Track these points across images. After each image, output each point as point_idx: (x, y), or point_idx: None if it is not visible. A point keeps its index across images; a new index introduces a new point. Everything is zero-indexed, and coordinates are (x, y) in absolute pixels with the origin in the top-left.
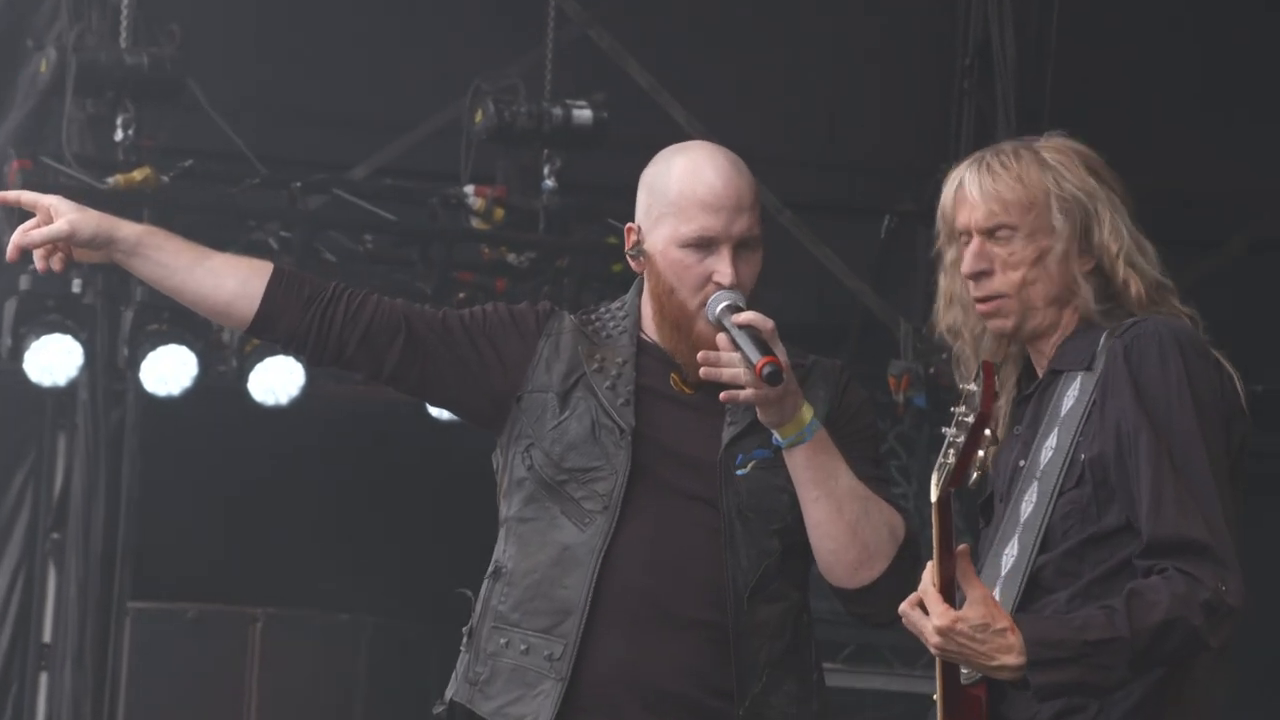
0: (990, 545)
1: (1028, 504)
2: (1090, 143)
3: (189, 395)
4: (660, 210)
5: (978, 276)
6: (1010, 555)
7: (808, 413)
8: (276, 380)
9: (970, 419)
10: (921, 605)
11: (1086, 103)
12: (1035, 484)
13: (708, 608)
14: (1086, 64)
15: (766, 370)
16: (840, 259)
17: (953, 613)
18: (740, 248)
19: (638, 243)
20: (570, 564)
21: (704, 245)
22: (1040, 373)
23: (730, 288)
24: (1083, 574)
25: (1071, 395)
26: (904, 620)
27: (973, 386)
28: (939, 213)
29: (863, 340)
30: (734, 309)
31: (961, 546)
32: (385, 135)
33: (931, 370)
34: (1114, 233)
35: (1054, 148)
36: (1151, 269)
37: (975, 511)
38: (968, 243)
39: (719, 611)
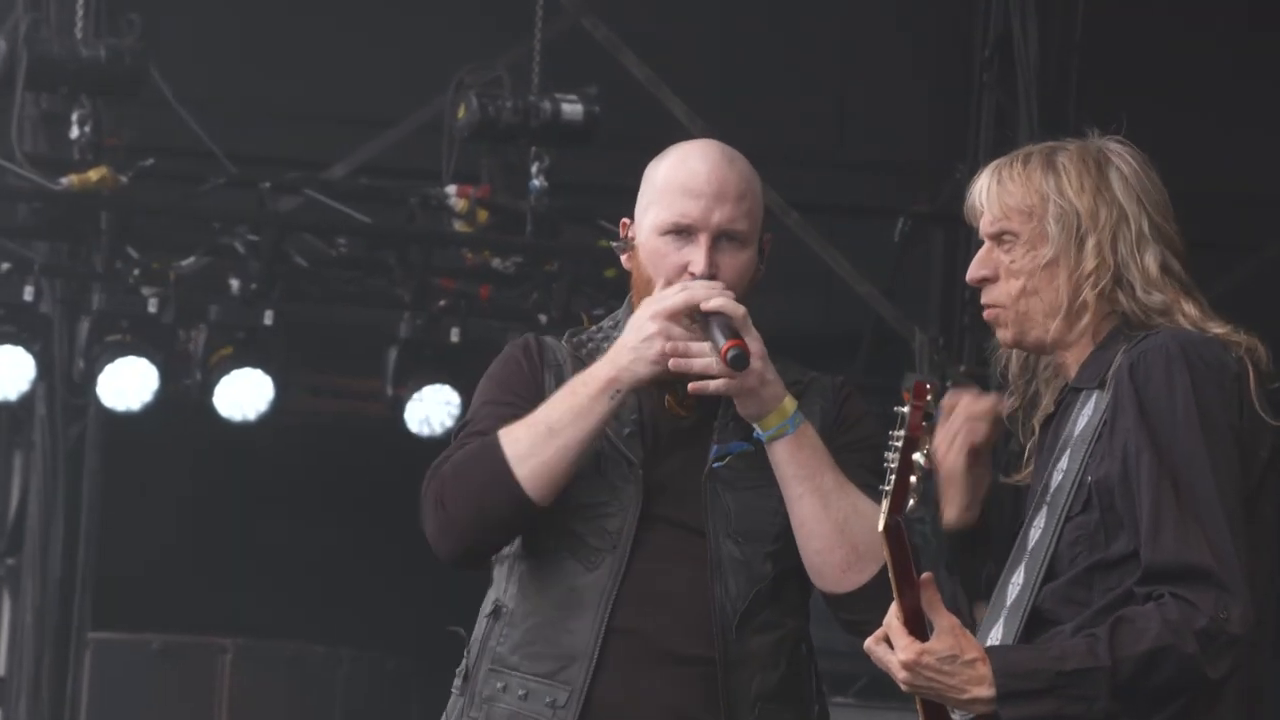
0: (1000, 574)
1: (1036, 529)
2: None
3: (150, 410)
4: (648, 199)
5: (981, 283)
6: (1016, 584)
7: (790, 404)
8: (244, 395)
9: (899, 443)
10: (889, 641)
11: (1115, 98)
12: (1045, 509)
13: (699, 642)
14: (1115, 56)
15: (730, 354)
16: (850, 264)
17: (918, 645)
18: (722, 240)
19: (627, 238)
20: (576, 606)
21: (682, 232)
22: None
23: (705, 279)
24: (1090, 603)
25: (1085, 415)
26: (871, 657)
27: (904, 408)
28: (967, 214)
29: (875, 351)
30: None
31: (925, 575)
32: (361, 132)
33: (949, 384)
34: (1106, 247)
35: (1074, 152)
36: (1158, 285)
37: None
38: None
39: (709, 644)
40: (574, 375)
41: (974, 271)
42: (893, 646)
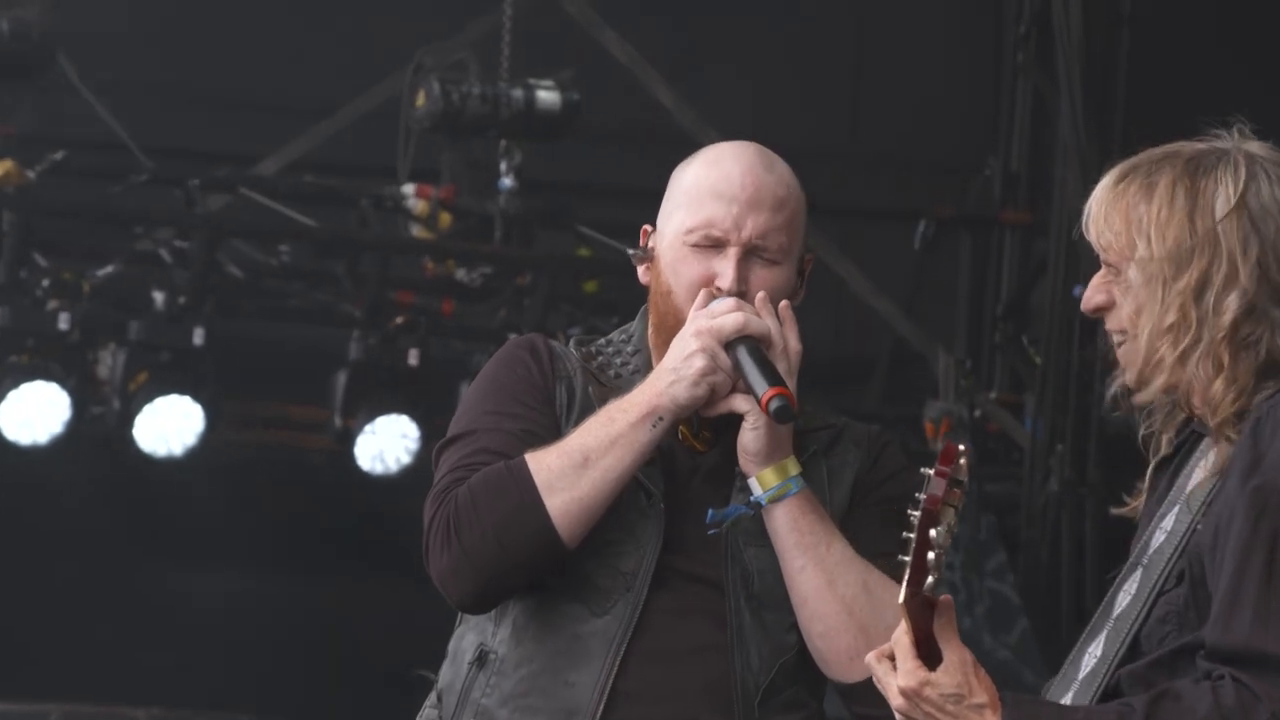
0: (1080, 637)
1: (1125, 595)
2: (1173, 129)
3: (59, 444)
4: (674, 203)
5: (1099, 312)
6: (1093, 655)
7: (793, 464)
8: (169, 425)
9: (918, 513)
10: (892, 658)
11: (1170, 80)
12: (1140, 572)
13: (715, 713)
14: (1169, 32)
15: (774, 404)
16: (865, 275)
17: (923, 674)
18: (755, 254)
19: (646, 246)
20: (580, 656)
21: (709, 241)
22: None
23: (733, 294)
24: None
25: (1202, 468)
26: (869, 670)
27: (930, 470)
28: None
29: (893, 376)
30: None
31: (944, 597)
32: (304, 121)
33: (978, 413)
34: (1190, 298)
35: (1181, 165)
36: None
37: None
38: None
39: (727, 718)
40: (585, 390)
41: (1089, 300)
42: (895, 667)
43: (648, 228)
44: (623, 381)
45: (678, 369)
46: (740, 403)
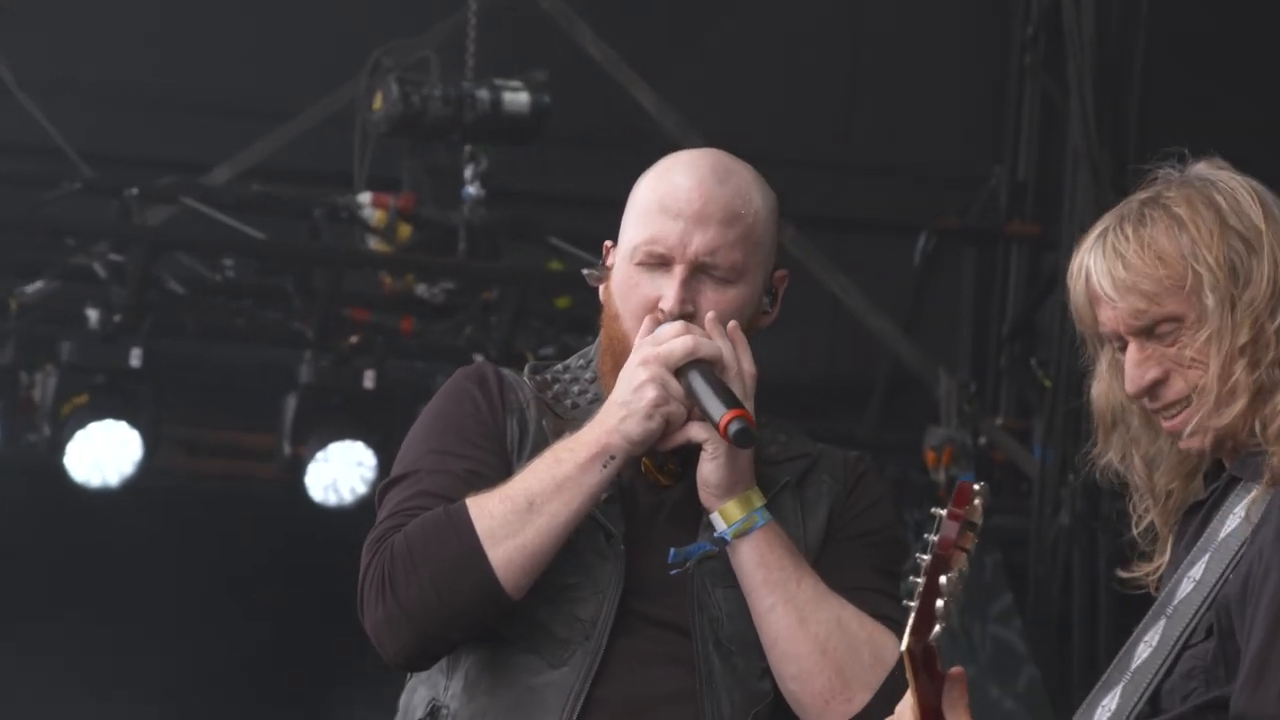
0: (1094, 689)
1: (1146, 647)
2: (1189, 135)
3: None
4: (628, 219)
5: (1151, 391)
6: (1107, 709)
7: (757, 496)
8: (104, 454)
9: (928, 558)
10: None
11: (1187, 83)
12: (1162, 623)
13: None
14: (1186, 33)
15: (732, 428)
16: (861, 292)
17: None
18: (703, 273)
19: (602, 264)
20: (535, 709)
21: (654, 260)
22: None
23: (677, 317)
24: None
25: (1237, 515)
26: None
27: (942, 511)
28: (1074, 312)
29: (891, 401)
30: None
31: (955, 669)
32: (252, 127)
33: (983, 441)
34: (1264, 311)
35: (1177, 195)
36: None
37: None
38: (1122, 348)
39: None
40: (539, 423)
41: (1139, 379)
42: None
43: (609, 244)
44: (580, 412)
45: (628, 402)
46: (697, 431)
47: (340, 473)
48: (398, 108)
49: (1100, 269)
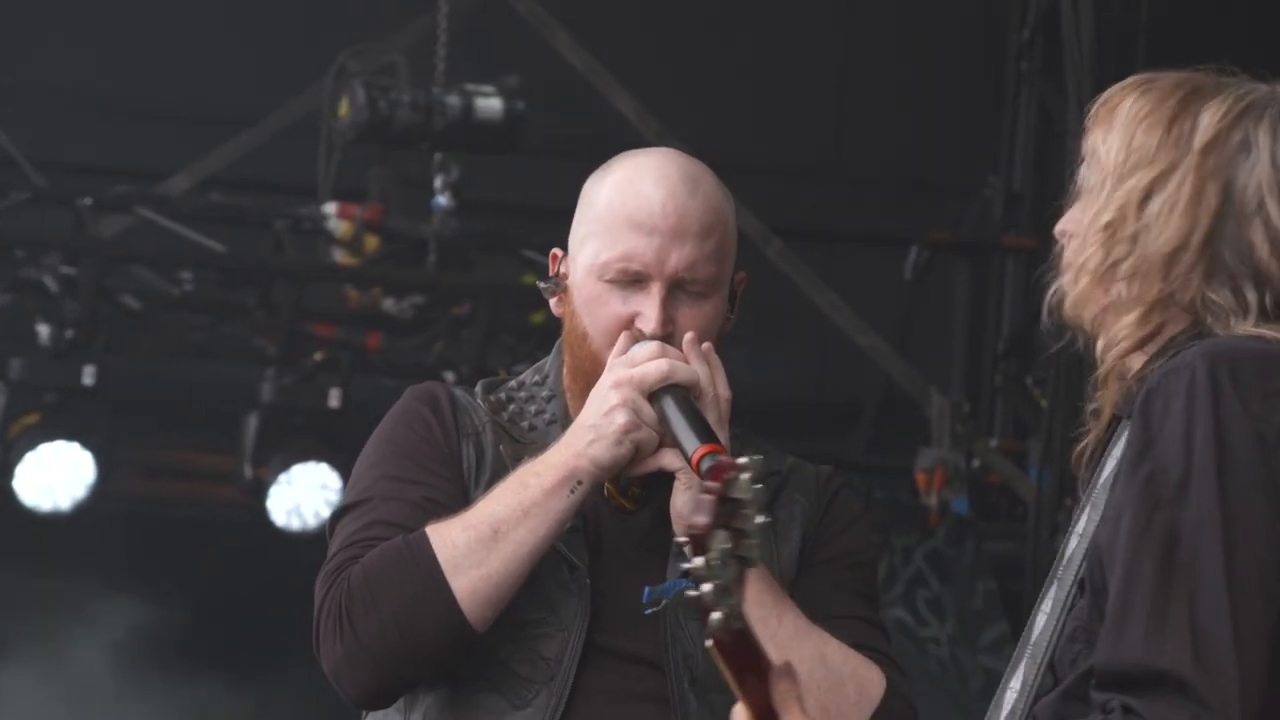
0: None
1: (1042, 616)
2: None
3: None
4: (586, 230)
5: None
6: (1013, 690)
7: None
8: (55, 476)
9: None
10: None
11: None
12: (1054, 588)
13: None
14: (1189, 38)
15: (705, 464)
16: (850, 307)
17: None
18: (680, 289)
19: (557, 276)
20: None
21: (629, 279)
22: None
23: (658, 337)
24: None
25: (1113, 458)
26: None
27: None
28: None
29: (881, 421)
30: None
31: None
32: (211, 134)
33: (977, 463)
34: (1133, 201)
35: (1190, 80)
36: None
37: None
38: None
39: None
40: (496, 449)
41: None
42: None
43: (557, 252)
44: (538, 435)
45: (597, 425)
46: (671, 459)
47: (304, 496)
48: (365, 114)
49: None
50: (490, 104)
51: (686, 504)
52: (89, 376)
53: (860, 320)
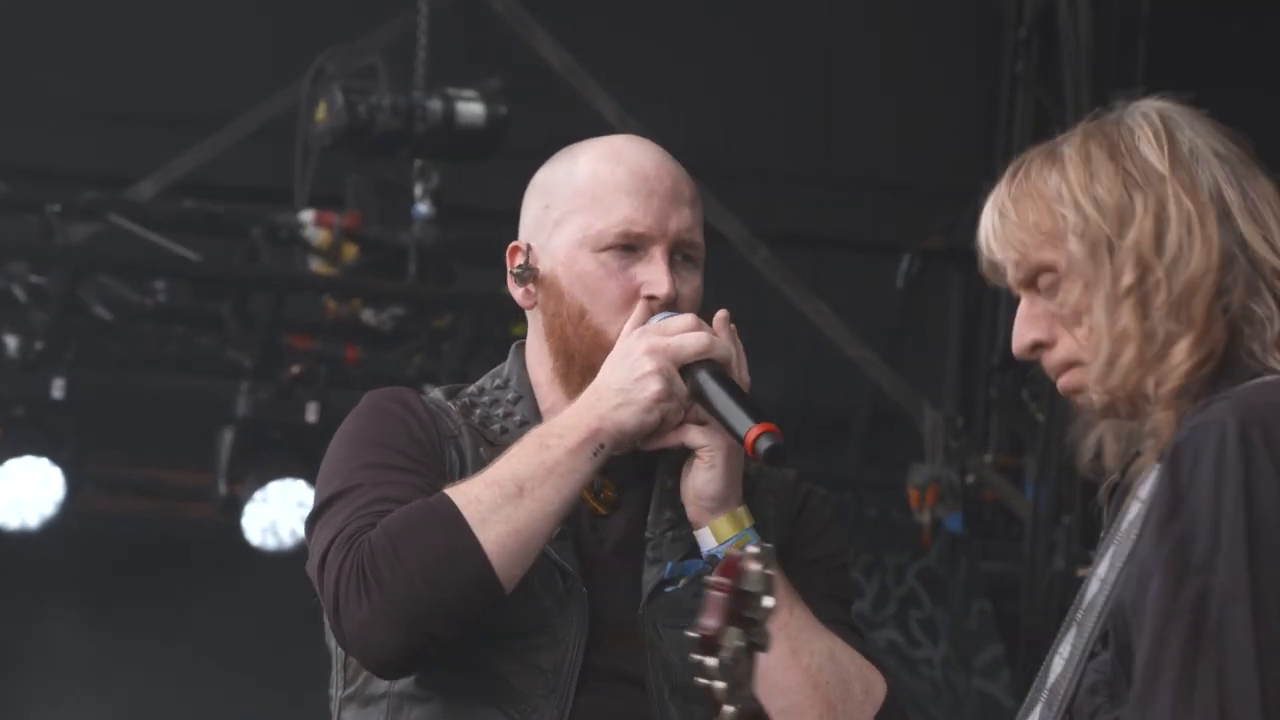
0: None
1: (1059, 660)
2: None
3: None
4: (564, 209)
5: (1034, 351)
6: None
7: (746, 515)
8: (22, 493)
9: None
10: None
11: (1191, 93)
12: (1073, 631)
13: None
14: (1189, 38)
15: (764, 444)
16: (840, 318)
17: None
18: (679, 256)
19: (526, 265)
20: None
21: (630, 245)
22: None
23: (671, 301)
24: None
25: (1138, 500)
26: None
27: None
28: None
29: (872, 436)
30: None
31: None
32: (183, 136)
33: (971, 479)
34: (1149, 250)
35: (1080, 132)
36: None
37: None
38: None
39: None
40: (476, 451)
41: (1020, 338)
42: None
43: (519, 244)
44: (510, 437)
45: (627, 390)
46: (697, 436)
47: (280, 514)
48: (343, 119)
49: (985, 221)
50: (472, 108)
51: (708, 484)
52: (58, 390)
53: (850, 330)
